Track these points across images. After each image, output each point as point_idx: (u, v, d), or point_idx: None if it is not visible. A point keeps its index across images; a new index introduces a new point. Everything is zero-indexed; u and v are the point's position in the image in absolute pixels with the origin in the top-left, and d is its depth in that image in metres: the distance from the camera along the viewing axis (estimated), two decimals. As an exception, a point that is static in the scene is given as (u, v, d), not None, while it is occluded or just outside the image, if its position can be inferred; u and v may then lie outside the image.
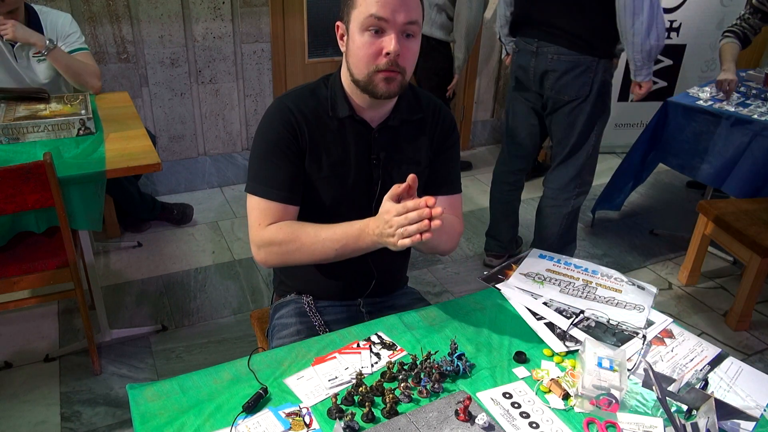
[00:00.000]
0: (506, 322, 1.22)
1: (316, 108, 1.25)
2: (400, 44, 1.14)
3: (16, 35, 2.17)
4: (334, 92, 1.26)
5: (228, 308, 2.45)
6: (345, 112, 1.25)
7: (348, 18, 1.17)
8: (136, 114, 2.30)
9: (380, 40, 1.14)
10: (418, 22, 1.15)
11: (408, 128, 1.31)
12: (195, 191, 3.41)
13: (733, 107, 2.67)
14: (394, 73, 1.16)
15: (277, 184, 1.23)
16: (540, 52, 2.28)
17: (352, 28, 1.16)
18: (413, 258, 1.58)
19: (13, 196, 1.69)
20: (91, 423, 1.88)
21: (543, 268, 1.41)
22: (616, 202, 3.16)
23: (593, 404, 1.00)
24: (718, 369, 1.12)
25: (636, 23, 2.09)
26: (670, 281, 2.79)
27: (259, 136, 1.25)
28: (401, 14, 1.12)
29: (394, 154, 1.30)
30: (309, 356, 1.10)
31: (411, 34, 1.16)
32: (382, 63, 1.15)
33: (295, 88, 1.29)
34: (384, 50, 1.14)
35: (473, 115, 4.16)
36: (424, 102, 1.34)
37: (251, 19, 3.19)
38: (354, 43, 1.16)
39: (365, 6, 1.13)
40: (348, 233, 1.16)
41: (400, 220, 1.04)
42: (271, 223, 1.23)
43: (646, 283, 1.37)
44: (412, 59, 1.19)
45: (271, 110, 1.26)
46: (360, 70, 1.17)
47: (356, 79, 1.19)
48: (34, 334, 2.24)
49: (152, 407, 0.97)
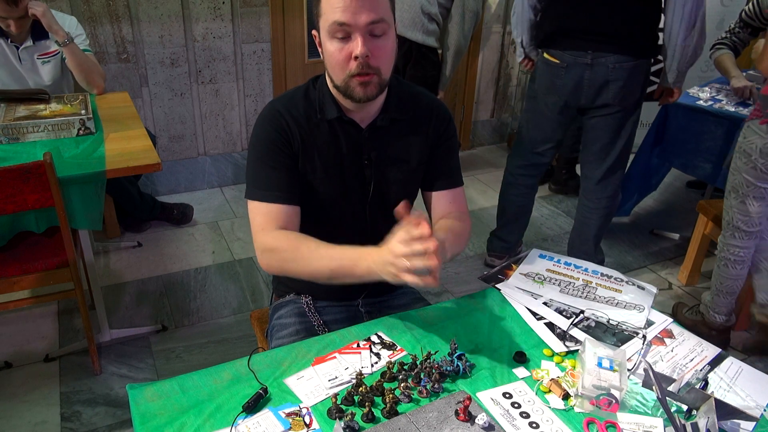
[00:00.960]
0: (506, 322, 1.22)
1: (306, 110, 1.26)
2: (369, 45, 1.13)
3: (45, 15, 2.19)
4: (322, 94, 1.26)
5: (228, 308, 2.45)
6: (333, 113, 1.25)
7: (318, 26, 1.18)
8: (136, 114, 2.30)
9: (348, 45, 1.14)
10: (384, 19, 1.14)
11: (399, 127, 1.30)
12: (195, 191, 3.41)
13: (733, 107, 2.67)
14: (368, 75, 1.15)
15: (275, 185, 1.23)
16: (597, 63, 2.15)
17: (322, 36, 1.17)
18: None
19: (13, 196, 1.69)
20: (91, 423, 1.88)
21: (543, 268, 1.40)
22: (625, 208, 3.15)
23: (593, 404, 1.00)
24: (718, 369, 1.12)
25: (688, 38, 2.10)
26: (670, 281, 2.79)
27: (253, 141, 1.26)
28: (362, 15, 1.11)
29: (385, 154, 1.30)
30: (309, 356, 1.10)
31: (380, 33, 1.14)
32: (353, 67, 1.14)
33: (286, 92, 1.31)
34: (352, 54, 1.13)
35: (473, 115, 4.16)
36: (418, 99, 1.33)
37: (251, 19, 3.19)
38: (326, 51, 1.17)
39: (329, 14, 1.13)
40: (345, 255, 1.14)
41: (404, 250, 1.01)
42: (274, 226, 1.22)
43: (646, 283, 1.37)
44: (386, 57, 1.18)
45: (262, 115, 1.26)
46: (337, 76, 1.18)
47: (336, 84, 1.20)
48: (34, 334, 2.24)
49: (152, 407, 0.97)
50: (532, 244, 3.02)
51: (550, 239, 3.12)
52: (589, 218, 2.53)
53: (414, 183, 1.38)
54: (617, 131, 2.32)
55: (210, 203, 3.30)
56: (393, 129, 1.30)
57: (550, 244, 3.06)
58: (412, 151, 1.33)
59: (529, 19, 2.35)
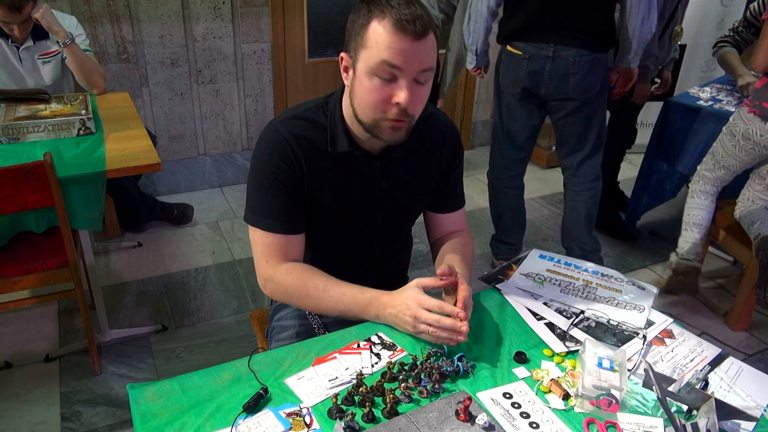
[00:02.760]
0: (506, 322, 1.22)
1: (313, 139, 1.19)
2: (411, 93, 1.06)
3: (45, 16, 2.19)
4: (333, 123, 1.19)
5: (228, 308, 2.45)
6: (345, 146, 1.18)
7: (356, 55, 1.08)
8: (136, 114, 2.30)
9: (390, 87, 1.06)
10: (432, 68, 1.08)
11: (411, 155, 1.26)
12: (195, 191, 3.41)
13: (734, 107, 2.67)
14: (402, 122, 1.09)
15: (276, 215, 1.19)
16: (558, 56, 2.23)
17: (359, 68, 1.08)
18: (413, 258, 1.58)
19: (14, 196, 1.69)
20: (91, 423, 1.88)
21: (543, 268, 1.40)
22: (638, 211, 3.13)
23: (593, 404, 1.00)
24: (718, 369, 1.12)
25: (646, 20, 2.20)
26: (670, 281, 2.79)
27: (255, 164, 1.20)
28: (416, 63, 1.04)
29: (396, 183, 1.26)
30: (309, 356, 1.10)
31: (423, 81, 1.08)
32: (391, 113, 1.08)
33: (290, 113, 1.21)
34: (394, 100, 1.06)
35: (473, 115, 4.16)
36: (430, 123, 1.27)
37: (251, 19, 3.19)
38: (361, 86, 1.08)
39: (377, 50, 1.03)
40: (356, 300, 1.14)
41: (430, 319, 1.04)
42: (278, 259, 1.20)
43: (646, 283, 1.37)
44: (422, 104, 1.12)
45: (266, 138, 1.19)
46: (366, 114, 1.10)
47: (361, 120, 1.12)
48: (34, 334, 2.24)
49: (152, 407, 0.97)
50: (532, 244, 3.02)
51: (550, 239, 3.12)
52: (577, 201, 2.57)
53: (422, 208, 1.38)
54: (586, 124, 2.40)
55: (210, 203, 3.30)
56: (405, 158, 1.25)
57: (550, 244, 3.07)
58: (423, 179, 1.30)
59: (488, 28, 2.39)
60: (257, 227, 1.20)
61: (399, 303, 1.08)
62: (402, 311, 1.08)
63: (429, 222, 1.42)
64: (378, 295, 1.13)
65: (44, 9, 2.20)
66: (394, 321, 1.10)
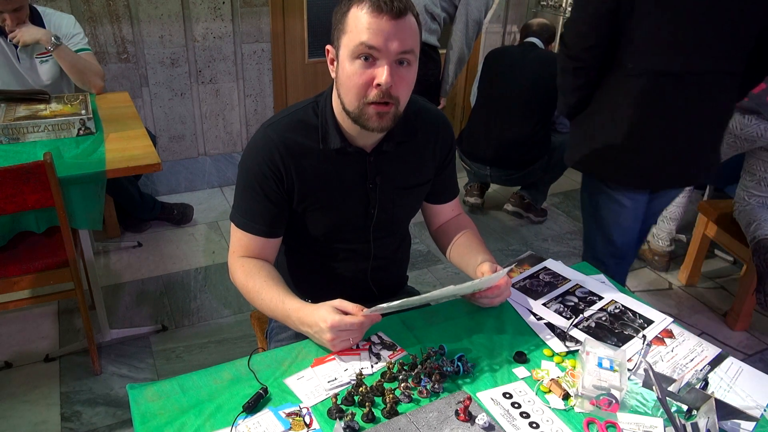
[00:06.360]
0: (506, 322, 1.22)
1: (305, 140, 1.19)
2: (393, 73, 1.06)
3: (26, 40, 2.19)
4: (325, 121, 1.19)
5: (228, 308, 2.45)
6: (337, 143, 1.19)
7: (338, 43, 1.10)
8: (136, 114, 2.30)
9: (371, 69, 1.07)
10: (413, 51, 1.09)
11: (405, 149, 1.26)
12: (195, 191, 3.41)
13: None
14: (386, 105, 1.09)
15: (256, 217, 1.22)
16: None
17: (342, 55, 1.09)
18: (413, 258, 1.58)
19: (13, 196, 1.69)
20: (91, 423, 1.88)
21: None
22: None
23: (593, 404, 1.00)
24: (718, 369, 1.12)
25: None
26: (670, 281, 2.79)
27: (242, 167, 1.22)
28: (395, 43, 1.05)
29: (391, 177, 1.27)
30: (309, 357, 1.10)
31: (406, 62, 1.09)
32: (372, 94, 1.08)
33: (282, 115, 1.22)
34: (375, 81, 1.07)
35: (473, 115, 4.15)
36: (422, 117, 1.28)
37: (251, 19, 3.19)
38: (344, 72, 1.09)
39: (356, 32, 1.05)
40: (279, 308, 1.15)
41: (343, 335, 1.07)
42: (244, 254, 1.24)
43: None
44: (407, 88, 1.12)
45: (255, 142, 1.20)
46: (350, 100, 1.11)
47: (347, 109, 1.13)
48: (34, 334, 2.24)
49: (152, 407, 0.97)
50: (532, 244, 3.02)
51: (550, 239, 3.12)
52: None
53: (418, 201, 1.38)
54: None
55: (210, 203, 3.30)
56: (398, 152, 1.25)
57: (550, 244, 3.06)
58: (417, 173, 1.30)
59: None
60: (236, 225, 1.24)
61: (313, 323, 1.08)
62: (318, 332, 1.08)
63: (427, 213, 1.44)
64: (298, 307, 1.12)
65: (20, 33, 2.18)
66: (312, 338, 1.11)
